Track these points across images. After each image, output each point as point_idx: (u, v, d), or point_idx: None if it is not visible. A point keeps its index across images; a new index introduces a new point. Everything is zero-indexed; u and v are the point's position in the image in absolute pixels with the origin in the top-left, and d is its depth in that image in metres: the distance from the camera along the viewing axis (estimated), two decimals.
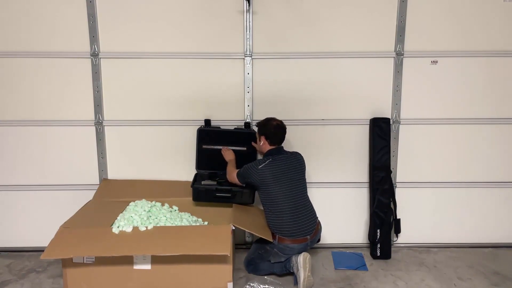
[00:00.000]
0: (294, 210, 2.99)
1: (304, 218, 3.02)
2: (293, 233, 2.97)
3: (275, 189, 2.98)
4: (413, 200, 3.56)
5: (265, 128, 3.10)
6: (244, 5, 3.27)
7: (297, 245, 2.98)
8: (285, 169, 3.04)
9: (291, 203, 2.99)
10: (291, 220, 2.97)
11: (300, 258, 2.90)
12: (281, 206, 2.98)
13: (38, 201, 3.52)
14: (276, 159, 3.05)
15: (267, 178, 2.98)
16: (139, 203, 3.14)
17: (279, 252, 3.01)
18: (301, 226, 2.99)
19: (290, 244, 2.97)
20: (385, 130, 3.40)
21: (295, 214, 2.99)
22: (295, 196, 3.02)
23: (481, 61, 3.41)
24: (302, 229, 2.99)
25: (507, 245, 3.62)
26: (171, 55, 3.37)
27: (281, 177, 3.01)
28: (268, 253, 3.05)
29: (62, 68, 3.37)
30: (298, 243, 2.98)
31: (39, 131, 3.44)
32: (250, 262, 3.13)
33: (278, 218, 2.99)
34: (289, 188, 3.01)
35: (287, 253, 3.00)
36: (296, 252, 2.98)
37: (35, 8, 3.29)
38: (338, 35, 3.37)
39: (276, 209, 2.99)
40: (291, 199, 3.00)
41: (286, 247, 2.98)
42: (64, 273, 2.75)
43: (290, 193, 3.00)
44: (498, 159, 3.53)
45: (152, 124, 3.46)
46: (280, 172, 3.02)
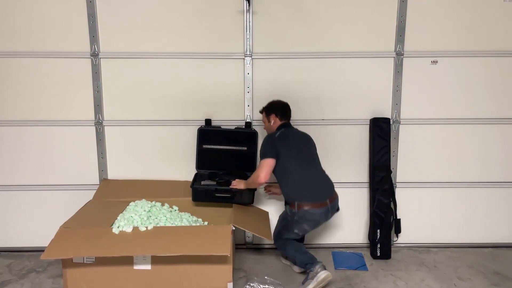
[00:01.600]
0: (310, 176, 3.00)
1: (320, 183, 3.03)
2: (311, 197, 2.94)
3: (290, 155, 2.98)
4: (413, 200, 3.56)
5: (273, 107, 3.17)
6: (244, 5, 3.27)
7: (317, 209, 2.93)
8: (298, 139, 3.09)
9: (307, 171, 3.00)
10: (308, 184, 2.97)
11: (322, 273, 2.85)
12: (297, 173, 2.97)
13: (38, 201, 3.52)
14: (288, 130, 3.11)
15: (283, 145, 2.99)
16: (139, 203, 3.14)
17: (299, 220, 2.95)
18: (318, 190, 2.98)
19: (310, 209, 2.92)
20: (385, 130, 3.40)
21: (311, 179, 2.99)
22: (310, 165, 3.04)
23: (481, 61, 3.41)
24: (320, 193, 2.98)
25: (507, 245, 3.62)
26: (171, 55, 3.37)
27: (295, 146, 3.03)
28: (291, 224, 3.00)
29: (62, 68, 3.37)
30: (318, 207, 2.94)
31: (39, 131, 3.44)
32: (278, 236, 3.11)
33: (296, 185, 2.96)
34: (304, 157, 3.03)
35: (308, 219, 2.95)
36: (317, 218, 2.96)
37: (35, 8, 3.29)
38: (338, 35, 3.37)
39: (292, 178, 2.97)
40: (307, 167, 3.01)
41: (307, 212, 2.93)
42: (64, 273, 2.75)
43: (305, 162, 3.02)
44: (498, 159, 3.53)
45: (152, 124, 3.46)
46: (294, 141, 3.06)
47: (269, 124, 3.17)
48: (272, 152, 2.98)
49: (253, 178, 3.03)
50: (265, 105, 3.21)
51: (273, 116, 3.15)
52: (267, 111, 3.19)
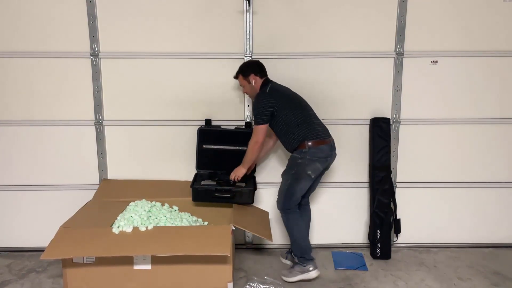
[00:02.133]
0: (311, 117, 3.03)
1: (319, 122, 3.08)
2: (318, 135, 2.98)
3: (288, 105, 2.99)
4: (413, 200, 3.56)
5: (250, 67, 3.13)
6: (244, 5, 3.27)
7: (325, 146, 2.98)
8: (287, 88, 3.13)
9: (306, 113, 3.03)
10: (312, 124, 3.00)
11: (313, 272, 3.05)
12: (299, 118, 2.98)
13: (38, 201, 3.52)
14: (274, 83, 3.13)
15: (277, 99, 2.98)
16: (139, 203, 3.13)
17: (312, 157, 2.94)
18: (321, 128, 3.04)
19: (320, 145, 2.96)
20: (385, 130, 3.40)
21: (312, 120, 3.03)
22: (307, 108, 3.07)
23: (481, 61, 3.41)
24: (322, 131, 3.03)
25: (507, 245, 3.62)
26: (171, 55, 3.37)
27: (288, 94, 3.08)
28: (303, 167, 2.95)
29: (62, 68, 3.37)
30: (325, 143, 2.99)
31: (39, 131, 3.44)
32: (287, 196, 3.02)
33: (301, 127, 2.97)
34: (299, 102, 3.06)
35: (320, 156, 2.96)
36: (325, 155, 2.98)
37: (35, 8, 3.29)
38: (338, 35, 3.37)
39: (296, 123, 2.97)
40: (305, 110, 3.04)
41: (318, 149, 2.95)
42: (64, 273, 2.75)
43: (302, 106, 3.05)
44: (498, 159, 3.53)
45: (152, 124, 3.46)
46: (285, 89, 3.10)
47: (251, 85, 3.10)
48: (265, 116, 2.98)
49: (250, 147, 3.05)
50: (238, 69, 3.15)
51: (252, 75, 3.08)
52: (243, 73, 3.11)
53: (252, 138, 3.03)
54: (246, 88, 3.15)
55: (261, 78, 3.10)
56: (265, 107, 2.97)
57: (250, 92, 3.15)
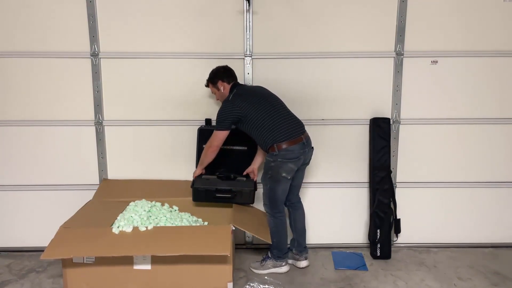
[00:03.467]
0: (279, 118, 2.99)
1: (290, 121, 3.02)
2: (286, 136, 2.94)
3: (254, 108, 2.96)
4: (413, 200, 3.56)
5: (216, 74, 3.13)
6: (244, 5, 3.27)
7: (295, 146, 2.95)
8: (254, 91, 3.11)
9: (275, 114, 2.99)
10: (280, 125, 2.96)
11: (284, 268, 3.19)
12: (266, 120, 2.95)
13: (38, 201, 3.52)
14: (241, 86, 3.11)
15: (241, 105, 2.97)
16: (139, 203, 3.13)
17: (283, 159, 2.94)
18: (291, 128, 2.98)
19: (288, 146, 2.93)
20: (385, 130, 3.40)
21: (281, 120, 2.98)
22: (276, 109, 3.01)
23: (481, 61, 3.41)
24: (292, 130, 2.98)
25: (507, 245, 3.62)
26: (171, 55, 3.37)
27: (255, 97, 3.03)
28: (276, 169, 2.97)
29: (62, 68, 3.37)
30: (295, 143, 2.95)
31: (39, 131, 3.44)
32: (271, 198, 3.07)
33: (269, 129, 2.96)
34: (267, 104, 3.01)
35: (290, 158, 2.94)
36: (297, 155, 2.95)
37: (35, 8, 3.29)
38: (338, 35, 3.37)
39: (264, 126, 2.96)
40: (273, 112, 2.99)
41: (287, 150, 2.93)
42: (64, 273, 2.75)
43: (270, 107, 3.00)
44: (498, 159, 3.53)
45: (152, 124, 3.46)
46: (251, 93, 3.06)
47: (220, 92, 3.12)
48: (225, 123, 2.99)
49: (204, 151, 3.10)
50: (207, 77, 3.17)
51: (220, 82, 3.10)
52: (211, 80, 3.14)
53: (208, 142, 3.06)
54: (217, 95, 3.18)
55: (229, 84, 3.11)
56: (226, 114, 2.98)
57: (221, 99, 3.17)
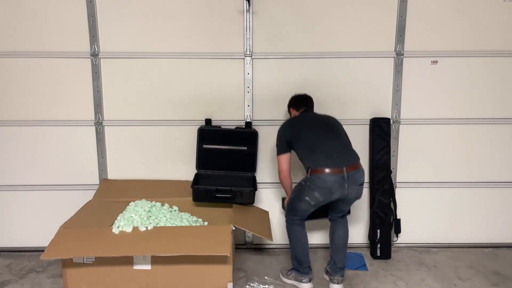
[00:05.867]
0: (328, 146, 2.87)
1: (339, 151, 2.86)
2: (324, 163, 2.78)
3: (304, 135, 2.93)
4: (413, 200, 3.56)
5: (290, 101, 3.19)
6: (244, 5, 3.27)
7: (329, 176, 2.74)
8: (312, 118, 3.06)
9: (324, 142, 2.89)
10: (324, 152, 2.83)
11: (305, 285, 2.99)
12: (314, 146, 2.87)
13: (38, 201, 3.52)
14: (304, 113, 3.09)
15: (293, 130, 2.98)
16: (139, 203, 3.13)
17: (311, 185, 2.79)
18: (334, 157, 2.81)
19: (321, 174, 2.75)
20: (385, 130, 3.40)
21: (329, 148, 2.85)
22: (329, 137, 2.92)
23: (481, 61, 3.41)
24: (335, 159, 2.80)
25: (507, 245, 3.63)
26: (171, 55, 3.37)
27: (311, 122, 3.00)
28: (303, 189, 2.86)
29: (62, 68, 3.37)
30: (331, 173, 2.74)
31: (39, 131, 3.44)
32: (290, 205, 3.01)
33: (312, 153, 2.85)
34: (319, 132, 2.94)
35: (319, 186, 2.77)
36: (329, 185, 2.75)
37: (35, 8, 3.29)
38: (338, 35, 3.37)
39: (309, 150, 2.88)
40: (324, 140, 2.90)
41: (318, 178, 2.76)
42: (64, 273, 2.75)
43: (322, 135, 2.92)
44: (498, 159, 3.53)
45: (152, 124, 3.46)
46: (310, 119, 3.05)
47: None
48: (281, 146, 2.99)
49: (279, 179, 3.09)
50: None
51: (292, 109, 3.17)
52: (288, 106, 3.21)
53: (278, 167, 3.06)
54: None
55: (297, 111, 3.13)
56: (279, 138, 3.02)
57: None
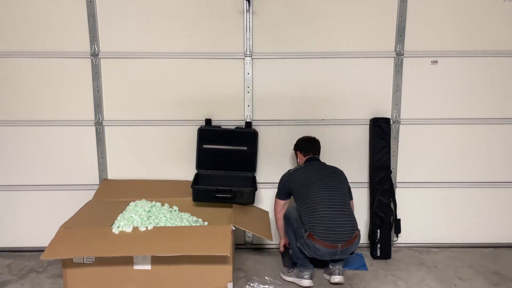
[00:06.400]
0: (329, 212, 2.88)
1: (338, 223, 2.87)
2: (322, 235, 2.83)
3: (307, 188, 2.97)
4: (413, 200, 3.56)
5: (297, 144, 3.28)
6: (244, 5, 3.27)
7: (325, 249, 2.85)
8: (318, 173, 3.06)
9: (327, 207, 2.90)
10: (323, 220, 2.85)
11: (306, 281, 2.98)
12: (313, 205, 2.91)
13: (38, 201, 3.52)
14: (308, 165, 3.13)
15: (296, 181, 3.04)
16: (139, 203, 3.13)
17: (303, 244, 2.89)
18: (333, 230, 2.84)
19: (317, 244, 2.84)
20: (385, 130, 3.40)
21: (329, 215, 2.87)
22: (332, 201, 2.93)
23: (481, 61, 3.41)
24: (334, 235, 2.84)
25: (507, 245, 3.62)
26: (171, 55, 3.37)
27: (314, 180, 3.00)
28: (297, 235, 2.96)
29: (62, 68, 3.37)
30: (327, 247, 2.84)
31: (39, 131, 3.44)
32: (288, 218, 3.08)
33: (312, 217, 2.88)
34: (324, 192, 2.95)
35: (312, 251, 2.88)
36: (321, 253, 2.86)
37: (35, 8, 3.29)
38: (338, 35, 3.37)
39: (308, 208, 2.92)
40: (326, 202, 2.91)
41: (313, 246, 2.85)
42: (64, 273, 2.75)
43: (326, 197, 2.93)
44: (498, 159, 3.53)
45: (152, 124, 3.46)
46: (313, 175, 3.04)
47: (298, 160, 3.28)
48: (282, 192, 3.12)
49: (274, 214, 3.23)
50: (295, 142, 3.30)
51: (298, 153, 3.25)
52: (294, 148, 3.30)
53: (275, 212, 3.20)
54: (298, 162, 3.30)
55: (304, 156, 3.20)
56: (281, 185, 3.14)
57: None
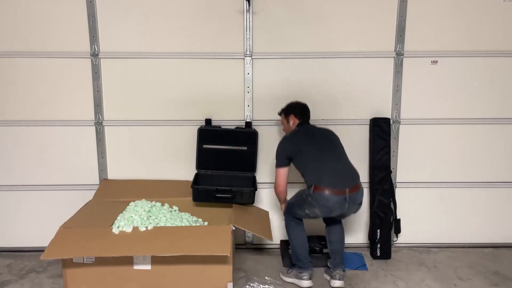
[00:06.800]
0: (330, 164, 2.90)
1: (342, 171, 2.91)
2: (328, 182, 2.81)
3: (307, 149, 2.94)
4: (413, 200, 3.56)
5: (292, 107, 3.16)
6: (244, 5, 3.27)
7: (333, 196, 2.79)
8: (313, 132, 3.08)
9: (326, 159, 2.91)
10: (327, 170, 2.87)
11: (305, 282, 2.98)
12: (316, 162, 2.90)
13: (38, 201, 3.52)
14: (303, 127, 3.09)
15: (295, 144, 2.98)
16: (139, 203, 3.13)
17: (312, 201, 2.84)
18: (338, 177, 2.85)
19: (325, 194, 2.79)
20: (385, 130, 3.40)
21: (331, 166, 2.89)
22: (330, 154, 2.95)
23: (481, 61, 3.41)
24: (339, 180, 2.84)
25: (507, 245, 3.62)
26: (171, 55, 3.37)
27: (310, 138, 3.01)
28: (303, 202, 2.90)
29: (62, 68, 3.37)
30: (335, 194, 2.80)
31: (39, 131, 3.44)
32: (289, 208, 3.03)
33: (315, 170, 2.88)
34: (321, 147, 2.96)
35: (321, 204, 2.82)
36: (330, 205, 2.81)
37: (35, 8, 3.29)
38: (338, 35, 3.37)
39: (312, 167, 2.90)
40: (326, 156, 2.93)
41: (321, 196, 2.80)
42: (64, 273, 2.75)
43: (324, 151, 2.95)
44: (498, 159, 3.53)
45: (152, 124, 3.46)
46: (308, 134, 3.04)
47: (288, 125, 3.15)
48: (282, 160, 3.00)
49: (275, 193, 3.11)
50: (283, 107, 3.19)
51: (292, 116, 3.13)
52: (286, 111, 3.17)
53: (275, 181, 3.06)
54: (285, 127, 3.20)
55: (298, 120, 3.12)
56: (280, 150, 3.02)
57: (286, 131, 3.20)
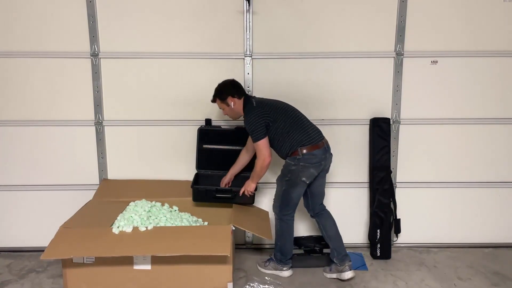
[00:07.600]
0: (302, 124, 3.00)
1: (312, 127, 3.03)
2: (310, 140, 2.94)
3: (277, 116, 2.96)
4: (413, 200, 3.56)
5: (225, 89, 3.03)
6: (244, 5, 3.27)
7: (318, 150, 2.95)
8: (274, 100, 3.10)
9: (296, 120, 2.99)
10: (303, 131, 2.97)
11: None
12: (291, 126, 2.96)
13: (38, 201, 3.52)
14: (255, 97, 3.10)
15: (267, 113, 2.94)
16: (139, 203, 3.13)
17: (306, 163, 2.92)
18: (313, 133, 2.99)
19: (312, 151, 2.93)
20: (385, 130, 3.40)
21: (304, 126, 2.99)
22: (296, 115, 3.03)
23: (481, 61, 3.41)
24: (314, 135, 2.99)
25: (507, 245, 3.62)
26: (171, 55, 3.37)
27: (277, 102, 3.06)
28: (297, 173, 2.94)
29: (62, 68, 3.37)
30: (318, 148, 2.95)
31: (39, 131, 3.44)
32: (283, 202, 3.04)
33: (293, 135, 2.94)
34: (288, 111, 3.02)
35: (313, 162, 2.93)
36: (318, 160, 2.95)
37: (35, 8, 3.29)
38: (338, 35, 3.37)
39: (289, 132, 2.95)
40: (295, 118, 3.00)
41: (311, 155, 2.92)
42: (64, 273, 2.75)
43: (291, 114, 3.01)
44: (498, 159, 3.53)
45: (152, 124, 3.46)
46: (272, 101, 3.07)
47: (230, 108, 3.03)
48: (261, 130, 2.91)
49: (259, 165, 2.98)
50: (214, 93, 3.07)
51: (230, 98, 3.01)
52: (220, 96, 3.04)
53: (259, 157, 2.97)
54: (226, 111, 3.09)
55: (240, 98, 3.02)
56: (257, 121, 2.92)
57: (230, 114, 3.09)
